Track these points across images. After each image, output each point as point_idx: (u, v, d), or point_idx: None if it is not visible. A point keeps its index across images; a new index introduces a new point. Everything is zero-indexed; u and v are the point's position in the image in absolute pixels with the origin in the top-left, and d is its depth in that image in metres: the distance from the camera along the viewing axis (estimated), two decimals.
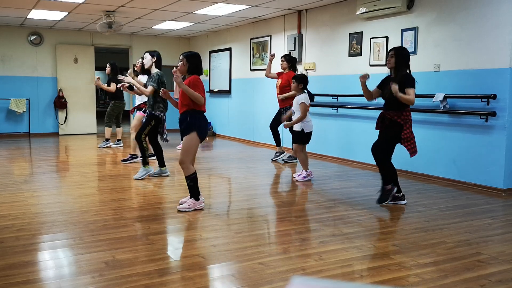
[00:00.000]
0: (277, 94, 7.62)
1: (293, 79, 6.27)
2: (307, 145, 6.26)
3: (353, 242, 3.74)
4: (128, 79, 6.63)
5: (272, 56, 7.70)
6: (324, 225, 4.20)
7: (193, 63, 4.66)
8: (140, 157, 6.47)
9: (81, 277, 3.00)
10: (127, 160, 7.57)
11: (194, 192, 4.64)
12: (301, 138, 6.15)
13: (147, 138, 6.26)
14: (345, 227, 4.15)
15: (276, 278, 3.00)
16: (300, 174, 6.23)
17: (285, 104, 7.36)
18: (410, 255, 3.45)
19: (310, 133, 6.17)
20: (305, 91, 6.19)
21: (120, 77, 6.96)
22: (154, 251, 3.50)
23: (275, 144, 8.07)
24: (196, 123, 4.56)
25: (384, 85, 4.87)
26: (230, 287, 2.91)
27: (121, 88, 7.85)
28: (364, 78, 4.82)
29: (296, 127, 6.12)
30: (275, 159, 7.86)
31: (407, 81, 4.60)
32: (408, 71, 4.72)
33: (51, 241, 3.71)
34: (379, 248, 3.63)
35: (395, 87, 4.52)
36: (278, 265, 3.21)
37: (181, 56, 4.72)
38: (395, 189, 4.87)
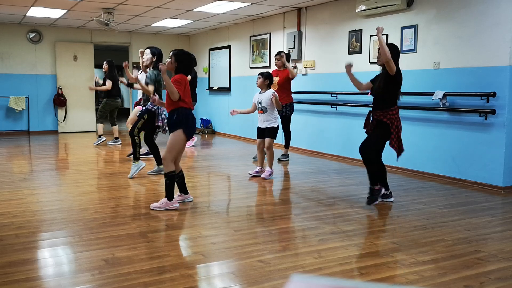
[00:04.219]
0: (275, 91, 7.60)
1: (259, 75, 6.26)
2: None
3: (352, 240, 3.74)
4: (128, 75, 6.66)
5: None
6: (324, 222, 4.20)
7: (182, 62, 4.55)
8: (131, 153, 6.47)
9: (80, 274, 3.00)
10: (146, 154, 7.61)
11: (169, 191, 4.56)
12: (276, 133, 6.22)
13: (140, 134, 6.26)
14: (344, 224, 4.15)
15: (276, 275, 3.00)
16: (268, 171, 6.22)
17: (283, 102, 7.33)
18: (409, 253, 3.45)
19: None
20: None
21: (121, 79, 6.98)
22: (154, 249, 3.50)
23: None
24: (183, 121, 4.48)
25: (375, 81, 4.88)
26: (230, 284, 2.91)
27: (121, 82, 7.90)
28: (349, 67, 4.86)
29: (272, 124, 6.15)
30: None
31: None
32: (396, 67, 4.72)
33: (50, 239, 3.71)
34: (378, 246, 3.63)
35: (379, 28, 4.57)
36: (277, 263, 3.22)
37: (171, 53, 4.64)
38: (383, 190, 4.87)
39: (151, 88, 5.99)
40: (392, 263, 3.25)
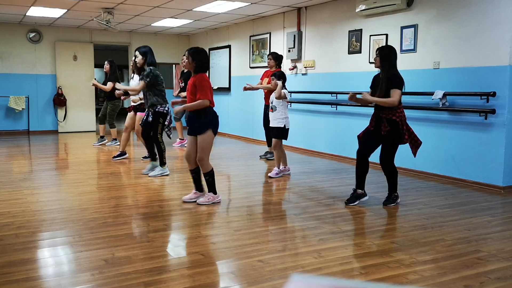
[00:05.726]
0: (264, 92, 7.60)
1: (272, 76, 6.31)
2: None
3: (352, 240, 3.74)
4: (119, 86, 6.88)
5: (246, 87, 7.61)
6: (324, 222, 4.20)
7: (199, 60, 4.61)
8: (149, 157, 6.55)
9: (80, 274, 3.00)
10: (147, 157, 7.57)
11: (213, 187, 4.80)
12: (282, 134, 6.22)
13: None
14: (344, 224, 4.15)
15: (276, 275, 3.00)
16: (274, 171, 6.32)
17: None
18: (409, 253, 3.45)
19: (288, 129, 6.27)
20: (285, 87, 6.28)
21: (117, 88, 7.18)
22: (154, 249, 3.50)
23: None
24: (211, 121, 4.66)
25: (374, 84, 4.90)
26: (230, 284, 2.91)
27: (116, 96, 8.02)
28: (352, 98, 4.90)
29: (278, 124, 6.16)
30: (264, 157, 7.90)
31: (393, 81, 4.64)
32: (395, 69, 4.74)
33: (50, 239, 3.71)
34: (378, 246, 3.63)
35: (366, 96, 4.63)
36: (277, 263, 3.22)
37: (186, 52, 4.69)
38: (399, 199, 4.93)
39: (141, 84, 6.10)
40: (392, 263, 3.25)
